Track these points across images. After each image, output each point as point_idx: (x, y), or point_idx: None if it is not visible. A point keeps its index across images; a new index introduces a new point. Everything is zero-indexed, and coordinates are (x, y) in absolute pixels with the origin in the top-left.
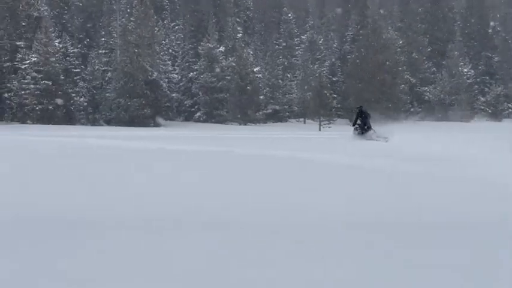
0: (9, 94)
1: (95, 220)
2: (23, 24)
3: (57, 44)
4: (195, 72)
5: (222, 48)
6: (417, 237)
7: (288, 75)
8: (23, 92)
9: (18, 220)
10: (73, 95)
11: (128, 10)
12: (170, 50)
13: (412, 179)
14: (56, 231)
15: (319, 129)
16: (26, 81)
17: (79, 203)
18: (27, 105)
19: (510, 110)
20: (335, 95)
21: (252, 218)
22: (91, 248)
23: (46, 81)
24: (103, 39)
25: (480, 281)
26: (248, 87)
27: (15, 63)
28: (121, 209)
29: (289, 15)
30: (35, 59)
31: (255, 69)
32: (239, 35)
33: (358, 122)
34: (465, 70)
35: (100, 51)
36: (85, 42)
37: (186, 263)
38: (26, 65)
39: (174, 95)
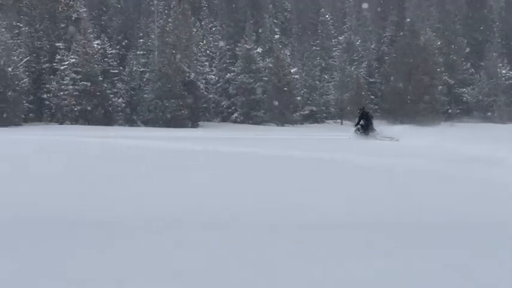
0: (48, 95)
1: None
2: (62, 25)
3: (95, 45)
4: (232, 73)
5: (259, 49)
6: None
7: (325, 77)
8: (61, 93)
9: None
10: (111, 95)
11: (166, 11)
12: (208, 51)
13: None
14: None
15: None
16: (64, 82)
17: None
18: (66, 106)
19: None
20: (372, 96)
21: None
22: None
23: (85, 82)
24: (141, 40)
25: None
26: (285, 88)
27: (54, 64)
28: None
29: (327, 16)
30: (74, 60)
31: (292, 70)
32: (276, 36)
33: (361, 122)
34: (503, 71)
35: (138, 53)
36: (123, 44)
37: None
38: (65, 66)
39: (211, 96)
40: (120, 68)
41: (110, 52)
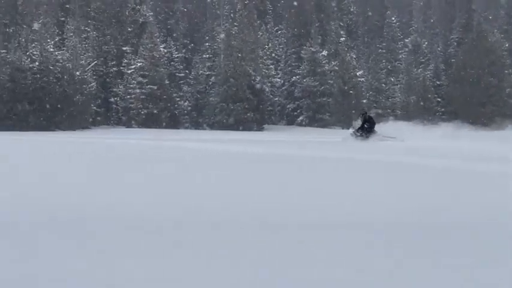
0: (116, 98)
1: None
2: (129, 29)
3: (162, 49)
4: (297, 76)
5: (324, 52)
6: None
7: (392, 79)
8: (128, 97)
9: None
10: (177, 99)
11: (232, 15)
12: (273, 55)
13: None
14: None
15: None
16: (131, 85)
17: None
18: (133, 109)
19: None
20: (439, 99)
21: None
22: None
23: (151, 86)
24: (207, 44)
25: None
26: (351, 91)
27: (122, 68)
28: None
29: (393, 18)
30: (141, 63)
31: (358, 73)
32: (342, 39)
33: (365, 126)
34: None
35: (204, 56)
36: (189, 47)
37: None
38: (132, 70)
39: (276, 99)
40: (186, 71)
41: (176, 56)
